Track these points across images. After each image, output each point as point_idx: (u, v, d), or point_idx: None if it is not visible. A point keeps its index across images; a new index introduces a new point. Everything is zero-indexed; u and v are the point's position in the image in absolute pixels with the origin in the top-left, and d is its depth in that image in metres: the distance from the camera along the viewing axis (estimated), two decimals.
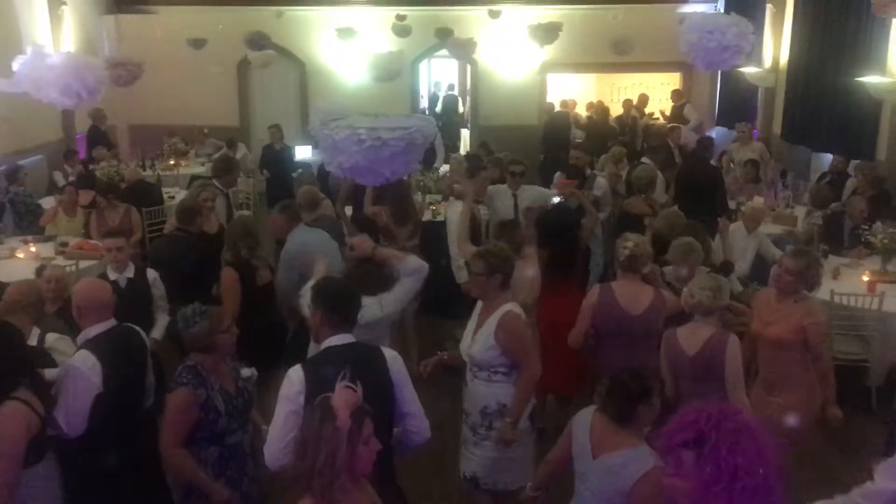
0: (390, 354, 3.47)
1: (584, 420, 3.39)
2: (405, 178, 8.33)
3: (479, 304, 4.30)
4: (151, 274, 5.55)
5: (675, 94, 15.10)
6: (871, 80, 9.22)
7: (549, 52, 14.60)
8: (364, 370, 3.05)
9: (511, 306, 4.18)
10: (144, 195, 8.99)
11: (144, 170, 11.52)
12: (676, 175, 9.54)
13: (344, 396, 2.46)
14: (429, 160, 10.75)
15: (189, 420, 3.54)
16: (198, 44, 13.12)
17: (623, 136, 13.68)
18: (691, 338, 4.18)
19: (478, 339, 4.18)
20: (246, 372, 3.98)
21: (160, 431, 3.69)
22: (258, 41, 12.24)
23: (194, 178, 9.98)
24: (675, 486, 2.12)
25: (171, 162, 12.27)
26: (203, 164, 12.00)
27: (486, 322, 4.16)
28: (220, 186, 7.59)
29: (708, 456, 2.04)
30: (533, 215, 6.23)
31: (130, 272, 5.49)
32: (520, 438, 4.16)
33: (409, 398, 3.42)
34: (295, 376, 3.23)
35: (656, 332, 4.55)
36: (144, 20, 14.11)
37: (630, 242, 4.76)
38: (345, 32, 13.28)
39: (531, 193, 7.10)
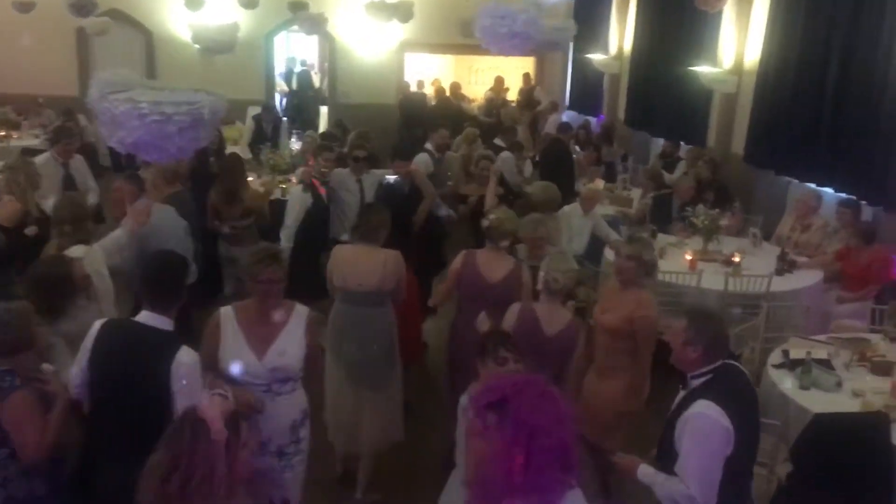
0: (186, 356, 3.26)
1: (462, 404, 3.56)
2: (240, 157, 8.17)
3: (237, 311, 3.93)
4: None
5: (525, 78, 15.49)
6: (703, 70, 9.79)
7: (406, 31, 14.62)
8: (139, 353, 3.23)
9: (303, 306, 4.01)
10: None
11: None
12: (539, 157, 9.86)
13: (216, 406, 2.36)
14: (274, 139, 10.57)
15: (40, 416, 3.24)
16: (24, 7, 12.24)
17: (491, 117, 13.90)
18: (550, 318, 4.28)
19: (292, 346, 3.82)
20: (48, 367, 3.60)
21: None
22: (84, 6, 11.43)
23: (26, 150, 9.36)
24: (479, 446, 2.20)
25: (2, 133, 11.45)
26: (38, 136, 11.28)
27: (289, 326, 3.81)
28: (57, 156, 7.14)
29: (510, 417, 2.13)
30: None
31: None
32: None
33: (186, 404, 3.03)
34: (91, 331, 3.36)
35: (513, 300, 4.63)
36: None
37: (492, 216, 5.00)
38: (193, 2, 12.74)
39: (375, 178, 7.03)
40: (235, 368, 3.52)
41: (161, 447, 2.39)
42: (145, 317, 3.33)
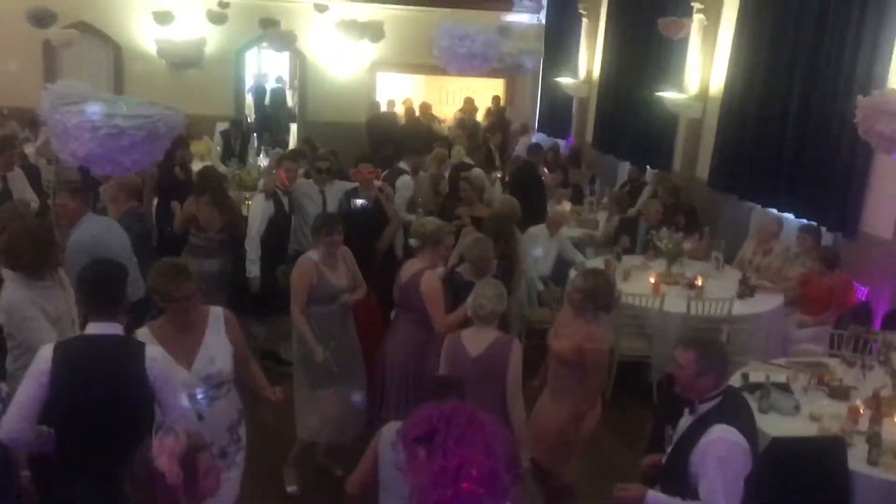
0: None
1: (390, 439, 3.39)
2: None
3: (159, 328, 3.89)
4: None
5: (495, 100, 15.60)
6: (668, 95, 9.93)
7: (377, 50, 14.66)
8: (108, 363, 3.18)
9: (217, 307, 4.02)
10: None
11: None
12: (509, 179, 9.89)
13: (166, 450, 2.30)
14: (242, 155, 10.54)
15: None
16: None
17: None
18: (475, 340, 4.27)
19: (217, 352, 3.81)
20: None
21: None
22: (44, 18, 11.31)
23: None
24: (412, 481, 2.17)
25: None
26: None
27: (208, 331, 3.80)
28: None
29: (437, 449, 2.10)
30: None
31: None
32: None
33: (171, 396, 3.28)
34: (42, 356, 3.18)
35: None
36: None
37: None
38: (162, 17, 12.69)
39: (340, 188, 7.00)
40: (181, 399, 3.43)
41: (131, 488, 2.36)
42: (97, 328, 3.27)
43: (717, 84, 9.46)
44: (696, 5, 9.61)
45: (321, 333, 5.00)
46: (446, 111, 16.38)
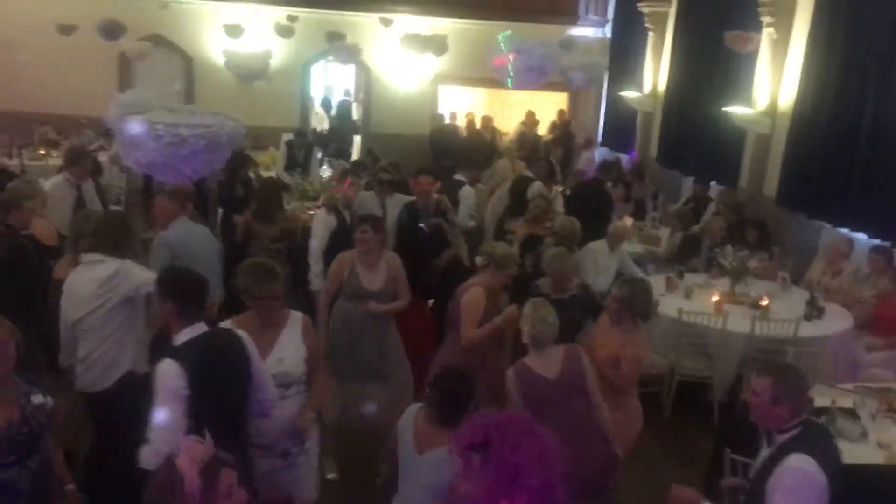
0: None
1: (408, 420, 3.55)
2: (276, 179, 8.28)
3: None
4: None
5: (560, 113, 15.50)
6: (736, 110, 9.72)
7: (441, 63, 14.75)
8: (229, 355, 3.41)
9: (297, 312, 4.15)
10: None
11: (10, 158, 10.93)
12: (570, 193, 9.81)
13: (190, 454, 2.30)
14: (305, 166, 10.69)
15: None
16: (66, 30, 12.56)
17: (523, 151, 13.89)
18: (546, 363, 4.12)
19: (290, 352, 3.94)
20: (39, 399, 3.39)
21: None
22: (113, 30, 11.70)
23: (61, 168, 9.54)
24: (464, 489, 2.16)
25: (42, 151, 11.70)
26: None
27: (285, 333, 3.96)
28: (71, 177, 7.20)
29: (492, 457, 2.09)
30: None
31: None
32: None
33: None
34: (169, 372, 3.23)
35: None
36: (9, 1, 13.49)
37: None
38: (232, 29, 13.01)
39: (399, 201, 7.05)
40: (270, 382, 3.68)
41: (147, 492, 2.35)
42: (198, 327, 3.41)
43: (787, 99, 9.23)
44: (766, 19, 9.40)
45: (346, 331, 5.15)
46: (508, 125, 16.36)
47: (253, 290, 3.79)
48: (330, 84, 18.75)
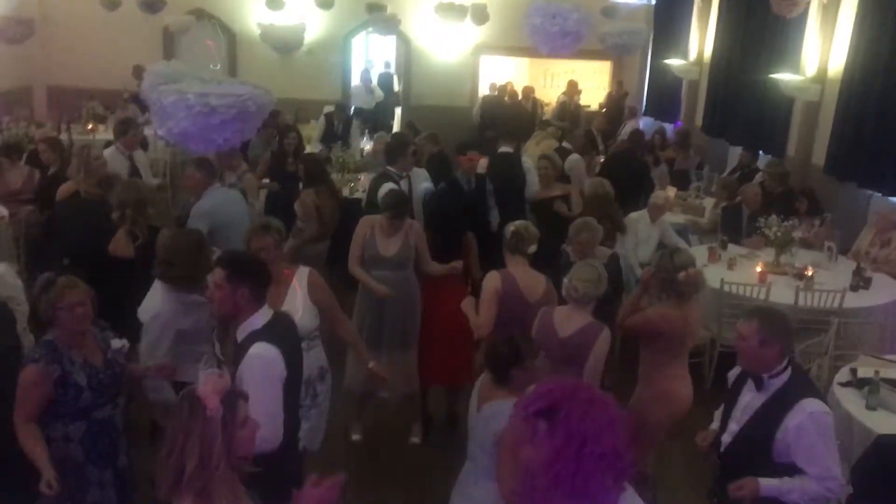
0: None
1: (477, 383, 3.73)
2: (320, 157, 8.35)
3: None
4: None
5: (619, 85, 15.23)
6: (784, 77, 9.48)
7: (482, 34, 14.63)
8: (296, 333, 3.52)
9: (305, 267, 4.23)
10: None
11: (59, 133, 11.16)
12: (602, 165, 9.70)
13: (211, 383, 2.36)
14: (345, 138, 10.71)
15: (38, 397, 3.40)
16: (112, 5, 12.73)
17: (564, 121, 13.75)
18: (566, 321, 4.23)
19: (298, 308, 4.01)
20: (117, 343, 3.77)
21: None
22: (153, 3, 11.83)
23: (108, 143, 9.74)
24: (528, 454, 2.15)
25: (90, 126, 11.92)
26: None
27: (290, 290, 4.06)
28: (123, 149, 7.36)
29: (559, 424, 2.09)
30: None
31: None
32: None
33: None
34: (273, 355, 3.19)
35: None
36: None
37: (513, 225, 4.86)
38: (273, 2, 13.04)
39: (420, 174, 6.94)
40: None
41: (168, 429, 2.42)
42: (266, 311, 3.40)
43: (837, 65, 8.96)
44: None
45: (372, 299, 5.20)
46: (550, 94, 16.19)
47: (249, 244, 3.94)
48: (370, 57, 18.72)
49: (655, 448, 4.73)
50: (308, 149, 10.49)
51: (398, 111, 16.39)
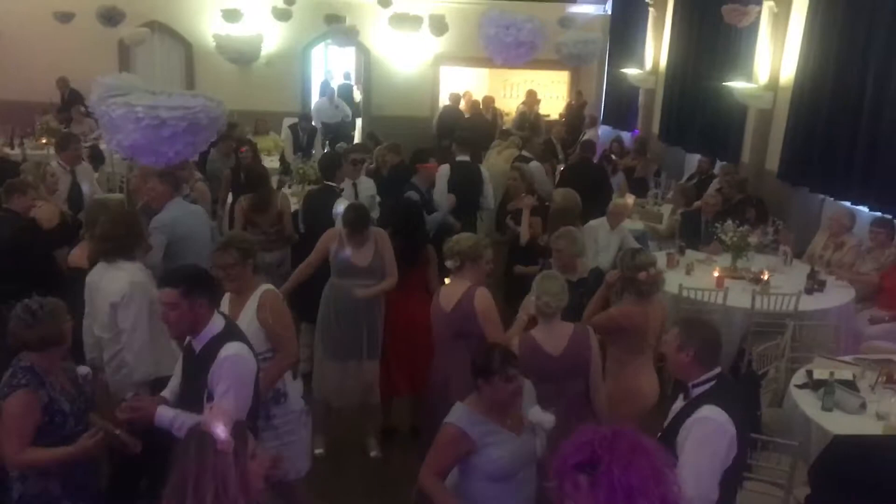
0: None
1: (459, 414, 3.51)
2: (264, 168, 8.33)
3: (228, 298, 4.05)
4: None
5: (578, 95, 15.38)
6: (737, 85, 9.66)
7: (441, 44, 14.68)
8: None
9: (268, 286, 4.14)
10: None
11: (12, 148, 10.96)
12: (561, 173, 9.77)
13: (216, 417, 2.29)
14: (307, 149, 10.69)
15: (32, 424, 3.23)
16: (64, 17, 12.54)
17: (523, 131, 13.82)
18: (551, 338, 4.10)
19: (243, 325, 3.82)
20: (83, 370, 3.71)
21: None
22: (111, 16, 11.69)
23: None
24: None
25: (43, 141, 11.70)
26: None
27: (246, 306, 3.99)
28: (63, 163, 7.24)
29: (602, 478, 1.96)
30: None
31: None
32: (295, 423, 4.18)
33: None
34: (245, 352, 3.28)
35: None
36: None
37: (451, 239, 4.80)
38: (230, 14, 12.95)
39: (367, 183, 7.04)
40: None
41: (173, 469, 2.30)
42: (219, 317, 3.43)
43: (788, 73, 9.16)
44: None
45: (338, 309, 5.19)
46: (511, 104, 16.31)
47: (214, 258, 3.94)
48: (330, 68, 18.65)
49: None
50: (269, 161, 10.44)
51: (359, 122, 16.35)
